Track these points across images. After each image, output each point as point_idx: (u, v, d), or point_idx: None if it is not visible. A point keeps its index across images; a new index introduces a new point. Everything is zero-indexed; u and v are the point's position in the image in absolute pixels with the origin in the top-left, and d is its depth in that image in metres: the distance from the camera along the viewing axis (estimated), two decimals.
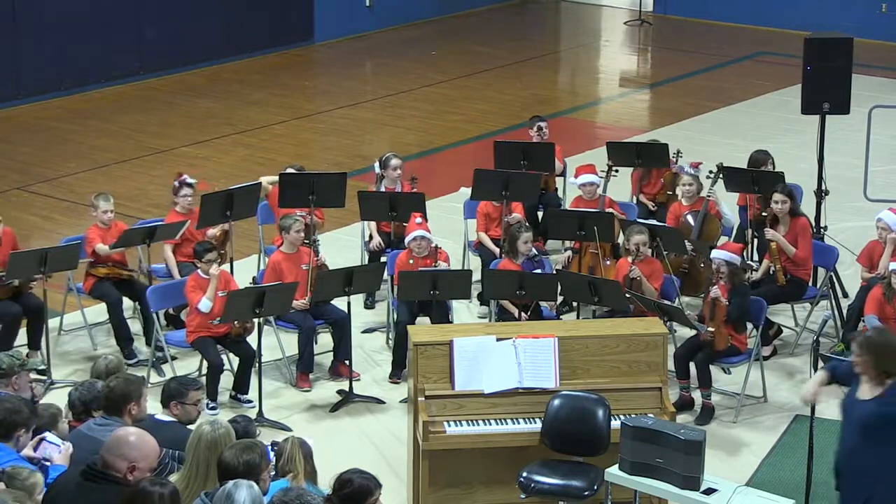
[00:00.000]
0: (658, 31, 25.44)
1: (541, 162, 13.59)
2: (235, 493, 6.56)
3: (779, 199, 12.04)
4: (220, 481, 6.90)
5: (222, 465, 6.90)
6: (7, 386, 8.45)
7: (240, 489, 6.57)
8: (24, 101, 19.52)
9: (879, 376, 8.03)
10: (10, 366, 8.48)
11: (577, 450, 9.13)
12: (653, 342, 9.57)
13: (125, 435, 6.96)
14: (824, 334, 10.17)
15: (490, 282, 11.58)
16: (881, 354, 8.01)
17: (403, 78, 21.63)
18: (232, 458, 6.91)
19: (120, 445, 6.87)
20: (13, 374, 8.49)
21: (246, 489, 6.58)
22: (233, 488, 6.58)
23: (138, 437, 6.96)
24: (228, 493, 6.57)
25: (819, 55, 13.23)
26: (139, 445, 6.91)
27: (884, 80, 20.74)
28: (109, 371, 8.60)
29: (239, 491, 6.57)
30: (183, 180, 12.44)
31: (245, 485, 6.61)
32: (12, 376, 8.47)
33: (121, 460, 6.82)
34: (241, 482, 6.63)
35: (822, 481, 9.77)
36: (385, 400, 11.28)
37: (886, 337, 8.19)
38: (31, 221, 14.94)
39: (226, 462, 6.90)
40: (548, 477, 8.96)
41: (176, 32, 21.34)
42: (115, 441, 6.92)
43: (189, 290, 11.19)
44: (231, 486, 6.60)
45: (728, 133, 18.32)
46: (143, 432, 7.07)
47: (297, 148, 17.91)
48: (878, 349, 8.03)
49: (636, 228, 11.67)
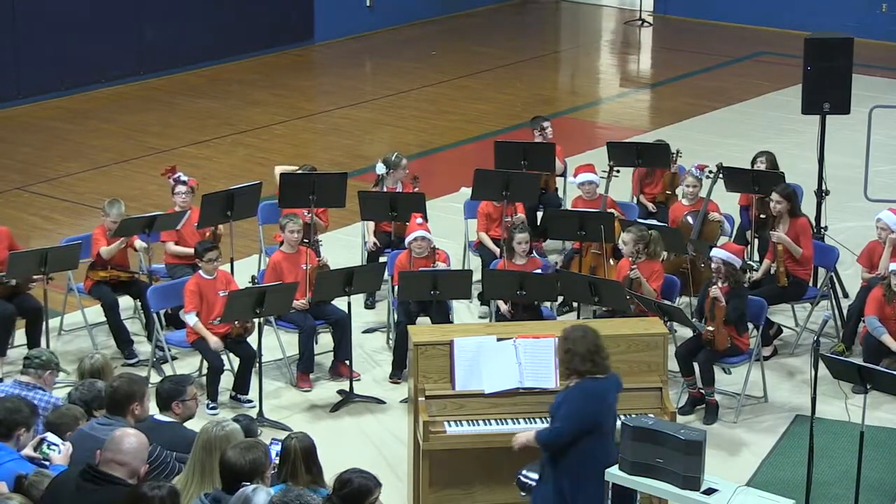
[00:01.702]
0: (658, 31, 25.44)
1: (541, 162, 13.59)
2: (254, 497, 6.55)
3: (776, 198, 12.04)
4: (223, 481, 6.89)
5: (227, 465, 6.88)
6: (39, 378, 8.81)
7: (258, 493, 6.56)
8: (24, 101, 19.52)
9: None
10: (49, 360, 8.94)
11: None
12: (653, 342, 9.56)
13: (122, 436, 7.00)
14: (825, 334, 10.17)
15: (490, 282, 11.58)
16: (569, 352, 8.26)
17: (403, 78, 21.62)
18: (237, 457, 6.90)
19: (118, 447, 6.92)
20: (49, 369, 8.90)
21: (264, 494, 6.57)
22: (251, 493, 6.57)
23: (137, 438, 6.99)
24: (247, 497, 6.56)
25: (819, 55, 13.23)
26: (137, 447, 6.96)
27: (884, 80, 20.73)
28: (94, 371, 8.66)
29: (258, 495, 6.56)
30: (177, 178, 12.41)
31: (264, 490, 6.60)
32: (47, 370, 8.88)
33: (115, 463, 6.90)
34: (259, 487, 6.63)
35: (822, 481, 9.79)
36: (385, 400, 11.28)
37: (579, 334, 8.30)
38: (31, 221, 14.94)
39: (230, 462, 6.88)
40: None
41: (176, 32, 21.34)
42: (113, 443, 6.95)
43: (188, 293, 11.18)
44: (250, 490, 6.59)
45: (728, 133, 18.32)
46: (139, 433, 7.10)
47: (297, 148, 17.91)
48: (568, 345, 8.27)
49: (628, 228, 11.67)
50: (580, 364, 8.24)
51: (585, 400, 8.25)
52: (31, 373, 8.87)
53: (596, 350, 8.28)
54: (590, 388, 8.26)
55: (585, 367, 8.24)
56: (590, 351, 8.25)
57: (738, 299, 10.95)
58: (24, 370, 8.93)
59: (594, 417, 8.26)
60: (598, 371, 8.27)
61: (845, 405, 10.06)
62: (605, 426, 8.33)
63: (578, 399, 8.25)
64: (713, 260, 11.11)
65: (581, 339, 8.29)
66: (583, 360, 8.24)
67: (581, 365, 8.24)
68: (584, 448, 8.24)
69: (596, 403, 8.28)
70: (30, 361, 8.91)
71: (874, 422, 10.42)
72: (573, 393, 8.30)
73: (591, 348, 8.26)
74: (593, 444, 8.25)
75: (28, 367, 8.89)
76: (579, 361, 8.24)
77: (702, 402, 11.06)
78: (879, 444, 10.36)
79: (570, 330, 8.41)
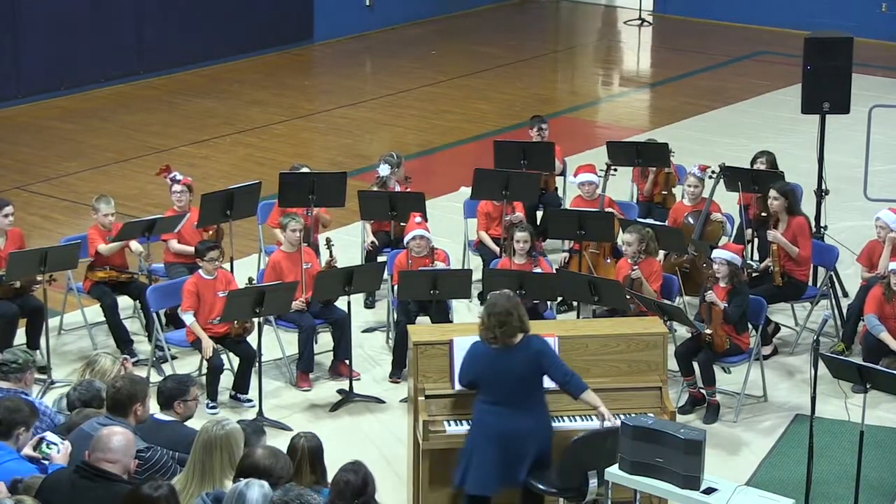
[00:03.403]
0: (658, 31, 25.44)
1: (541, 161, 13.59)
2: (248, 492, 6.55)
3: (773, 194, 12.04)
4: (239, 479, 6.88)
5: (248, 465, 6.89)
6: (20, 381, 8.56)
7: (251, 488, 6.57)
8: (23, 101, 19.52)
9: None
10: (26, 361, 8.65)
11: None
12: (653, 342, 9.57)
13: (109, 435, 7.06)
14: (824, 334, 10.17)
15: (490, 281, 11.57)
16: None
17: (403, 77, 21.63)
18: (270, 464, 6.92)
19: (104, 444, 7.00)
20: (27, 370, 8.65)
21: (258, 488, 6.57)
22: (245, 488, 6.57)
23: (124, 436, 7.06)
24: (240, 492, 6.56)
25: (819, 55, 13.23)
26: (125, 444, 7.02)
27: (884, 79, 20.74)
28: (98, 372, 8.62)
29: (251, 490, 6.56)
30: (172, 177, 12.40)
31: (257, 484, 6.60)
32: (26, 371, 8.63)
33: (105, 462, 6.94)
34: (252, 481, 6.62)
35: (821, 480, 9.79)
36: (385, 399, 11.28)
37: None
38: (31, 221, 14.93)
39: (256, 463, 6.91)
40: (545, 476, 8.94)
41: (176, 32, 21.33)
42: (100, 442, 7.03)
43: (186, 292, 11.18)
44: (243, 485, 6.59)
45: (728, 133, 18.31)
46: (126, 431, 7.15)
47: (296, 147, 17.91)
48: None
49: (630, 228, 11.67)
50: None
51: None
52: (11, 378, 8.57)
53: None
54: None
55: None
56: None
57: (739, 297, 10.95)
58: (4, 376, 8.57)
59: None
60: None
61: (845, 404, 10.06)
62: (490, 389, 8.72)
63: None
64: (715, 261, 11.10)
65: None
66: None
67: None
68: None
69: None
70: (7, 367, 8.54)
71: (874, 421, 10.42)
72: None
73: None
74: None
75: (8, 374, 8.55)
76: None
77: (702, 402, 11.06)
78: (879, 443, 10.36)
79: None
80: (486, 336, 8.68)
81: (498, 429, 8.64)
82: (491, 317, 8.63)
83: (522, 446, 8.65)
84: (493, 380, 8.68)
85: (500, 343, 8.64)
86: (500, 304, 8.64)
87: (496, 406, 8.66)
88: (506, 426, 8.63)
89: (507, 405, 8.64)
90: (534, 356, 8.68)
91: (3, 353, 8.72)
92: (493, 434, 8.64)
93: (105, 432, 7.10)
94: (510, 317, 8.61)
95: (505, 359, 8.65)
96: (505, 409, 8.64)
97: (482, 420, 8.74)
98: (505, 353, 8.65)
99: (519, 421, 8.64)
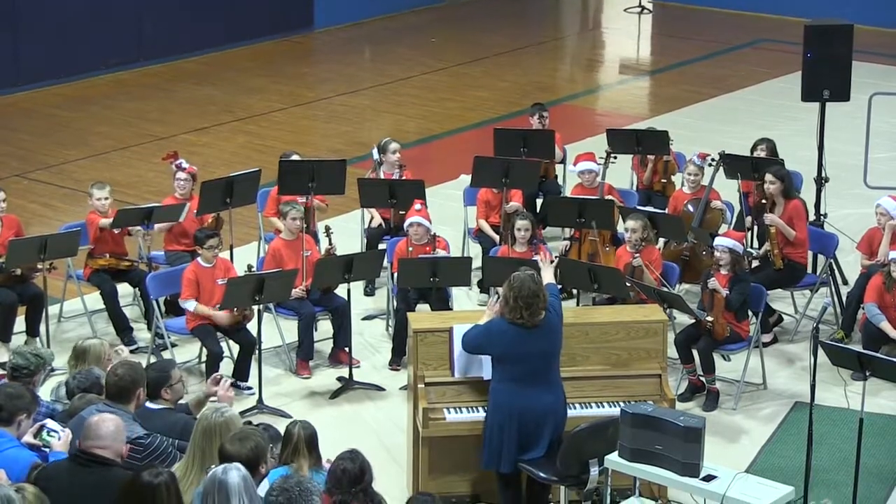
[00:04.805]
0: (658, 19, 25.42)
1: (540, 149, 13.58)
2: (227, 478, 6.58)
3: (769, 178, 12.05)
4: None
5: (229, 459, 6.90)
6: (29, 383, 8.35)
7: (229, 473, 6.60)
8: (23, 88, 19.51)
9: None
10: (37, 365, 8.43)
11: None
12: (652, 329, 9.57)
13: (99, 422, 7.10)
14: (824, 321, 10.17)
15: (490, 269, 11.58)
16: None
17: (403, 65, 21.61)
18: (237, 449, 6.96)
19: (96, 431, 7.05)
20: (37, 373, 8.43)
21: (235, 471, 6.61)
22: (223, 475, 6.60)
23: (114, 422, 7.12)
24: (220, 481, 6.58)
25: (819, 42, 13.22)
26: (115, 430, 7.07)
27: (884, 67, 20.71)
28: (82, 352, 8.59)
29: (230, 474, 6.59)
30: (179, 164, 12.39)
31: (234, 467, 6.64)
32: (36, 374, 8.41)
33: (97, 448, 7.00)
34: (229, 466, 6.66)
35: (821, 468, 9.81)
36: (385, 387, 11.28)
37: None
38: (31, 208, 14.93)
39: (232, 455, 6.93)
40: (544, 464, 8.95)
41: (176, 19, 21.31)
42: (91, 430, 7.07)
43: (185, 281, 11.18)
44: (220, 472, 6.62)
45: (728, 120, 18.30)
46: (115, 417, 7.19)
47: (296, 135, 17.90)
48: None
49: (631, 215, 11.68)
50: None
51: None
52: (23, 382, 8.28)
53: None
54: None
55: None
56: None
57: (741, 284, 10.96)
58: (16, 381, 8.28)
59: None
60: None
61: (844, 392, 10.07)
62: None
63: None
64: (717, 249, 11.11)
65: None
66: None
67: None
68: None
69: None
70: (18, 373, 8.31)
71: (873, 408, 10.42)
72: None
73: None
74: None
75: (19, 379, 8.28)
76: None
77: (702, 390, 11.06)
78: (878, 430, 10.36)
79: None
80: (512, 317, 8.69)
81: (522, 406, 8.71)
82: (518, 299, 8.65)
83: (543, 421, 8.75)
84: (518, 358, 8.72)
85: (528, 322, 8.68)
86: (526, 285, 8.66)
87: (518, 384, 8.72)
88: (529, 402, 8.71)
89: (529, 383, 8.72)
90: (554, 332, 8.81)
91: (13, 358, 8.48)
92: (517, 411, 8.71)
93: (94, 420, 7.15)
94: (537, 298, 8.67)
95: (529, 337, 8.69)
96: (527, 386, 8.72)
97: (504, 400, 8.76)
98: (528, 332, 8.69)
99: (541, 397, 8.74)
